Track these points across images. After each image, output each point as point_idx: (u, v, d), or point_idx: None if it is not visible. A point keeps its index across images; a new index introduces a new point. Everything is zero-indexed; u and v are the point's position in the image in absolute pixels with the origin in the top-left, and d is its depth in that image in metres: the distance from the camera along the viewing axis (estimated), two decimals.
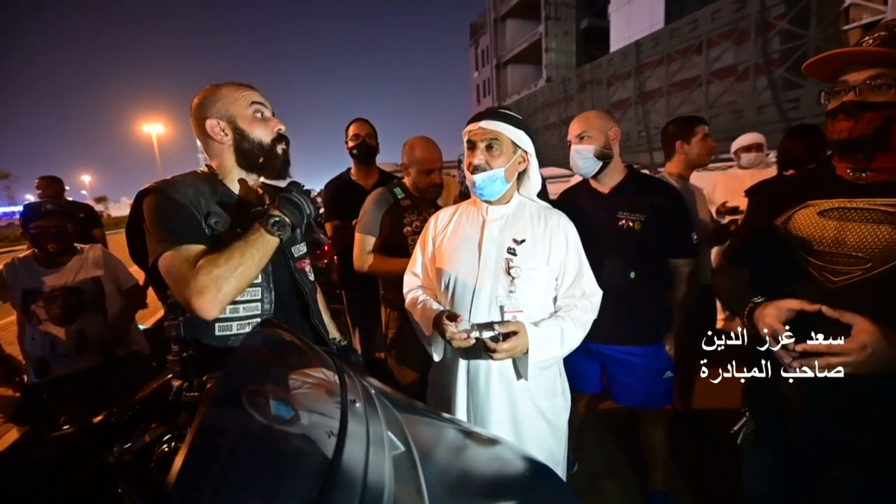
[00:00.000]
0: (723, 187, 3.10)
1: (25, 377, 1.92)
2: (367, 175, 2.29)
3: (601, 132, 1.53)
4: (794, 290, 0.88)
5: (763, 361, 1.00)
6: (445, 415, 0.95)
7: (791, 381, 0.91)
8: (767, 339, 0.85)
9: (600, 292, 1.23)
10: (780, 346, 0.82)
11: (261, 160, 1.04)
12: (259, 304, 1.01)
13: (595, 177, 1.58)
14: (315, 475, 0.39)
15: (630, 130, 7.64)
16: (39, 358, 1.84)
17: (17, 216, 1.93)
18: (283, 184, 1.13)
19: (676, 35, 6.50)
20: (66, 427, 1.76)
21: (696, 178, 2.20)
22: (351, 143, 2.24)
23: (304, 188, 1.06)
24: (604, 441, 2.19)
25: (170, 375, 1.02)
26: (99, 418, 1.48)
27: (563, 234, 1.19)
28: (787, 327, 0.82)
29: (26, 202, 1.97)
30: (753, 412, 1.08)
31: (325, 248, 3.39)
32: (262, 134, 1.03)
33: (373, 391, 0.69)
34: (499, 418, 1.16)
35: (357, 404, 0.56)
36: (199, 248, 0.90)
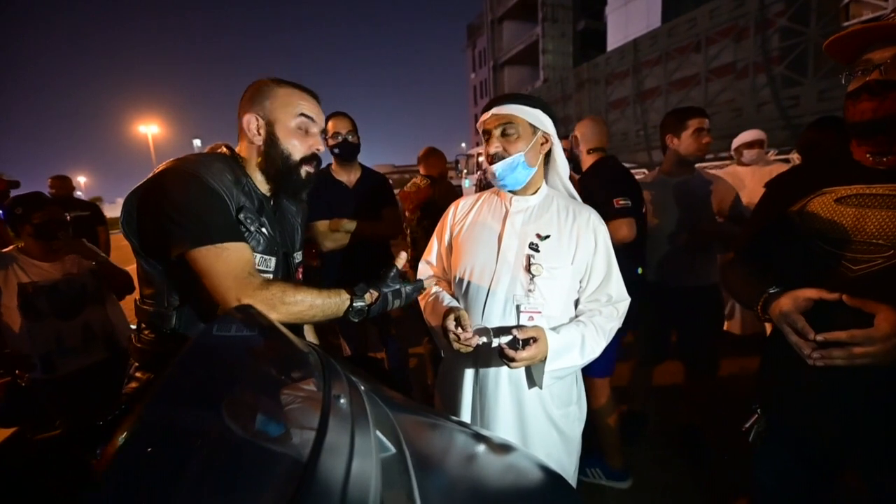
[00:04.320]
0: None
1: (26, 375, 1.85)
2: (349, 171, 2.19)
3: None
4: (812, 280, 0.83)
5: (778, 355, 0.96)
6: (446, 415, 0.88)
7: (806, 375, 0.87)
8: (784, 330, 0.80)
9: (628, 299, 1.14)
10: (798, 337, 0.77)
11: (280, 174, 0.98)
12: None
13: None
14: (287, 480, 0.34)
15: (628, 130, 7.61)
16: (43, 354, 1.77)
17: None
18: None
19: (674, 33, 6.48)
20: (56, 428, 1.69)
21: None
22: (331, 142, 2.12)
23: (417, 288, 1.00)
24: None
25: (136, 365, 0.96)
26: (85, 420, 1.42)
27: (591, 233, 1.10)
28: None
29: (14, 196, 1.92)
30: (765, 409, 1.03)
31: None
32: (294, 148, 0.97)
33: (362, 387, 0.63)
34: (506, 425, 1.09)
35: (342, 400, 0.50)
36: (241, 248, 0.86)
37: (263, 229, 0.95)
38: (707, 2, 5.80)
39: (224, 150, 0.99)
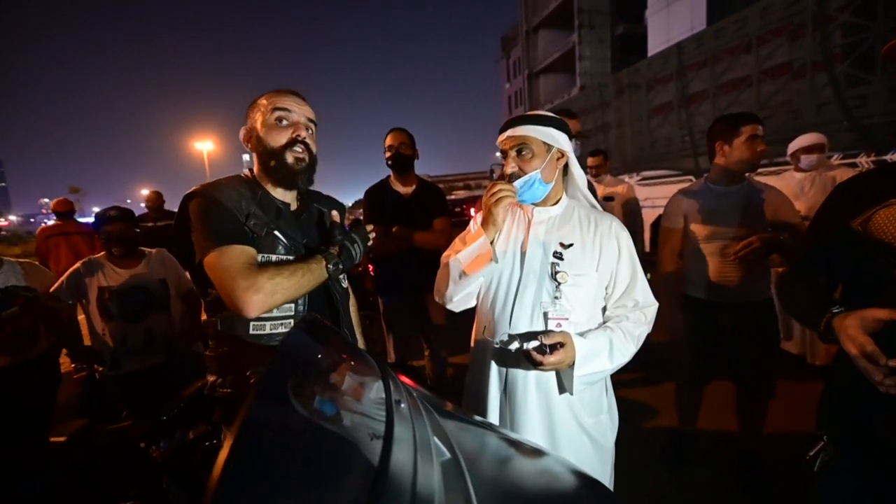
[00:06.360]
0: None
1: (101, 368, 2.07)
2: (405, 183, 2.33)
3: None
4: (880, 299, 0.78)
5: (848, 378, 0.89)
6: (488, 422, 0.90)
7: (879, 400, 0.80)
8: (851, 353, 0.75)
9: (656, 304, 1.14)
10: (867, 361, 0.72)
11: (271, 167, 1.05)
12: (293, 305, 1.02)
13: None
14: (362, 478, 0.37)
15: (672, 135, 7.30)
16: (112, 352, 1.99)
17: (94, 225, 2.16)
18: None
19: (722, 35, 6.17)
20: (124, 421, 1.87)
21: None
22: (387, 154, 2.29)
23: (363, 232, 1.12)
24: (646, 464, 2.05)
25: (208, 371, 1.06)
26: (148, 414, 1.56)
27: (614, 240, 1.12)
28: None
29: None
30: (832, 435, 0.96)
31: None
32: (275, 139, 1.03)
33: (415, 394, 0.67)
34: (535, 433, 1.09)
35: (402, 405, 0.54)
36: (244, 248, 0.94)
37: (277, 232, 1.02)
38: (757, 0, 5.50)
39: (247, 172, 1.11)
